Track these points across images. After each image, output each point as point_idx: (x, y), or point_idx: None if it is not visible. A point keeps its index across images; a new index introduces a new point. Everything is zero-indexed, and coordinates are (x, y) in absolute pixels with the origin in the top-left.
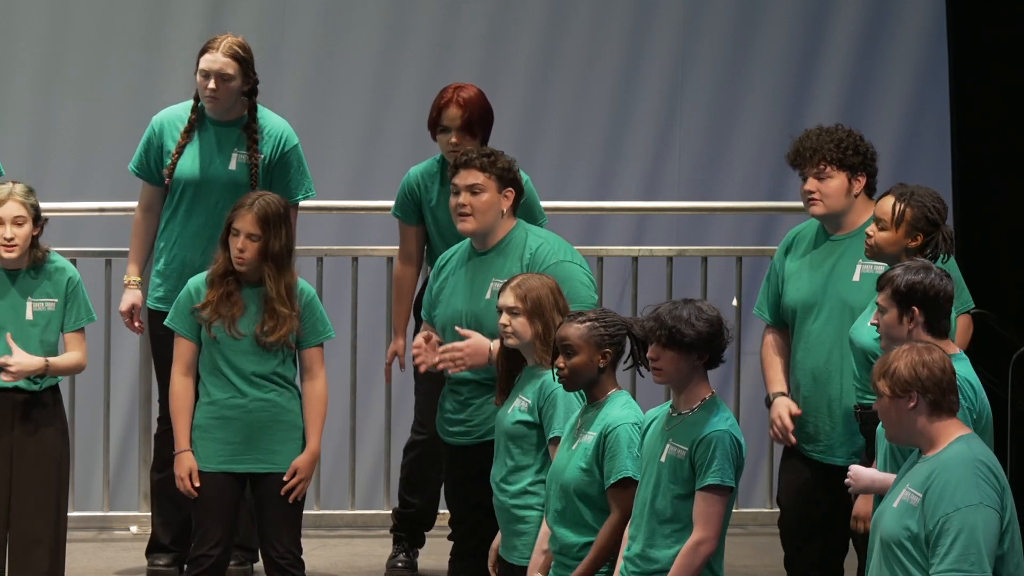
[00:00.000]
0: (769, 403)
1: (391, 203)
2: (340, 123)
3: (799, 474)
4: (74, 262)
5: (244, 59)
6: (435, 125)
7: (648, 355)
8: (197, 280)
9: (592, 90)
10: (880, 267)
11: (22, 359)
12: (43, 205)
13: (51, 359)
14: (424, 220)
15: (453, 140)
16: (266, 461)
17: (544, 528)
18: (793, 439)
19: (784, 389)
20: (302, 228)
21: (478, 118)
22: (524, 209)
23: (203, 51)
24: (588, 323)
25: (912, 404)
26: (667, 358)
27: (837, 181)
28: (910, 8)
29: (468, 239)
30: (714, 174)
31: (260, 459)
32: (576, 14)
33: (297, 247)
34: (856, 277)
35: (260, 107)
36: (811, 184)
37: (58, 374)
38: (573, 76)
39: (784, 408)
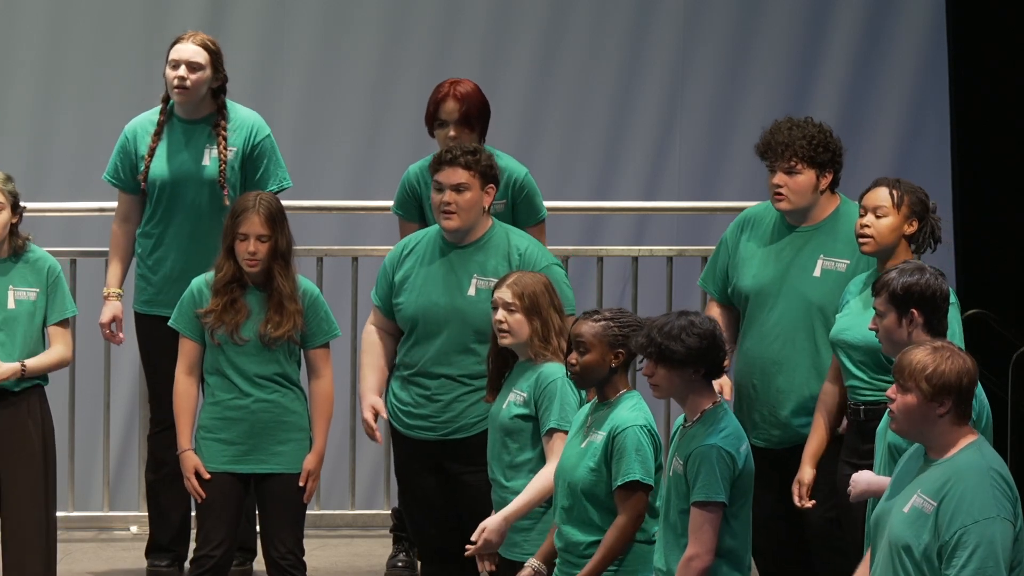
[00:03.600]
0: None
1: (391, 203)
2: (340, 123)
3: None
4: (74, 262)
5: (214, 52)
6: (432, 120)
7: (643, 372)
8: (200, 281)
9: (592, 90)
10: (841, 263)
11: None
12: (43, 205)
13: (27, 361)
14: (425, 217)
15: (451, 134)
16: (270, 462)
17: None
18: None
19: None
20: (302, 228)
21: (476, 111)
22: (526, 202)
23: (172, 44)
24: (603, 322)
25: (943, 410)
26: (660, 374)
27: (805, 177)
28: (910, 8)
29: (432, 228)
30: (714, 174)
31: (263, 460)
32: (576, 13)
33: (297, 247)
34: (817, 272)
35: (229, 103)
36: (779, 178)
37: (38, 374)
38: (573, 76)
39: None
